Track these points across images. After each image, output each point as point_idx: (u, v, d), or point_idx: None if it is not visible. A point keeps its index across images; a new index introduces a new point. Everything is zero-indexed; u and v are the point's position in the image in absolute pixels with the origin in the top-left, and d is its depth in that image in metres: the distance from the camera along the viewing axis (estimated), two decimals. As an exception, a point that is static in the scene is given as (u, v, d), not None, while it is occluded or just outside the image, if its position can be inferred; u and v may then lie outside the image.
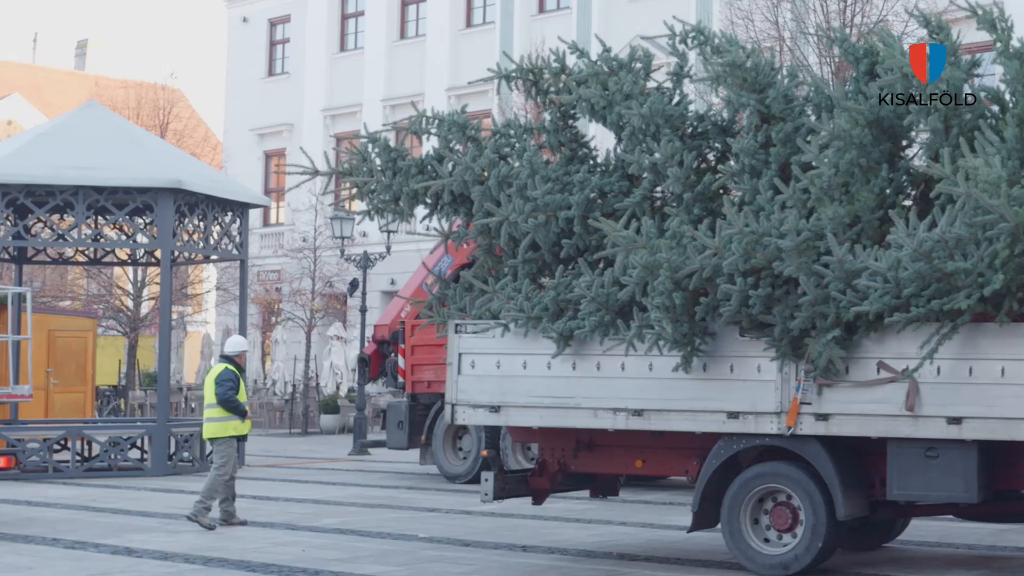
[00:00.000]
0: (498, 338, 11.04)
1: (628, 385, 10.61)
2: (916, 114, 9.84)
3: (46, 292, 41.06)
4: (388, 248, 30.55)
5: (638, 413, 10.59)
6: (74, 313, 32.55)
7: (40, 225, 22.20)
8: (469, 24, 39.31)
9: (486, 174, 11.28)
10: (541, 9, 37.55)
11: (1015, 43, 10.01)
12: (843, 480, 10.06)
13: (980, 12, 10.17)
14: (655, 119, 10.74)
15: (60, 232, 21.61)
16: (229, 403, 13.80)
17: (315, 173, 11.82)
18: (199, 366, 39.54)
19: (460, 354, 11.29)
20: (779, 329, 9.75)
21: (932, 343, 9.35)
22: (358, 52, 42.13)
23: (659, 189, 11.03)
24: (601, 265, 10.81)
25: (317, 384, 35.80)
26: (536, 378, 10.95)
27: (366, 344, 24.38)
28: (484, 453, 13.59)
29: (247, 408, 14.06)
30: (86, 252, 24.60)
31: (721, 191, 10.58)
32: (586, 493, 12.57)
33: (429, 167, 11.61)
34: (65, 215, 21.27)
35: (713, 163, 11.16)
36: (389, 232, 28.44)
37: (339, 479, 19.92)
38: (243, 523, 13.93)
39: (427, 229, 12.17)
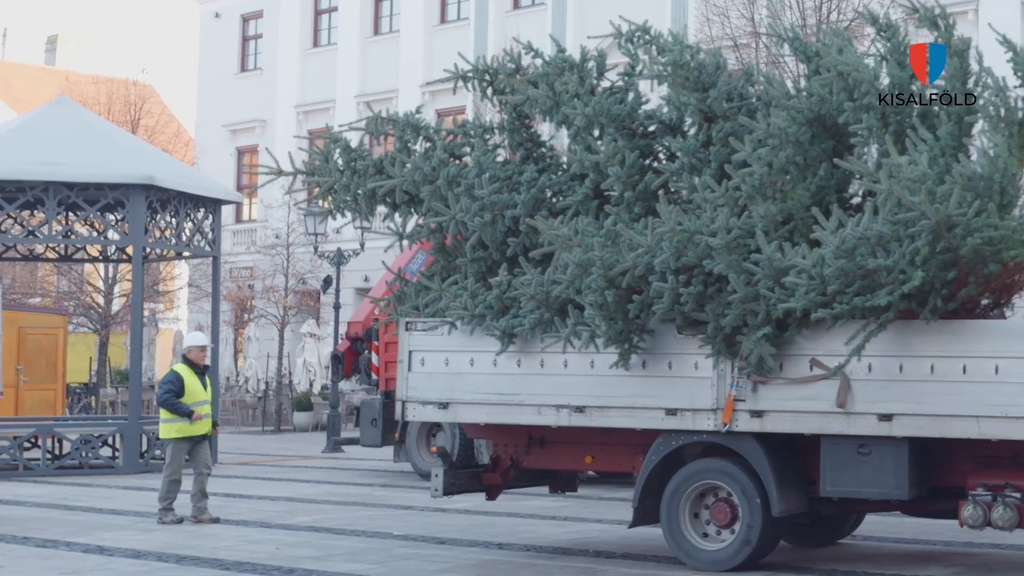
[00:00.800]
0: (446, 336, 11.23)
1: (570, 382, 10.76)
2: (852, 112, 9.94)
3: (16, 289, 40.77)
4: (362, 245, 30.42)
5: (580, 410, 10.74)
6: (45, 310, 32.35)
7: (10, 221, 21.99)
8: (443, 20, 39.21)
9: (436, 174, 11.36)
10: (516, 5, 37.48)
11: (956, 41, 10.09)
12: (778, 477, 10.17)
13: (921, 10, 10.30)
14: (599, 119, 10.89)
15: (30, 228, 21.44)
16: (165, 406, 13.77)
17: (279, 173, 11.95)
18: (170, 363, 39.31)
19: (410, 352, 11.48)
20: (712, 326, 9.87)
21: (859, 340, 9.44)
22: (331, 48, 41.98)
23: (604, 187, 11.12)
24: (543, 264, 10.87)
25: (290, 381, 35.65)
26: (483, 375, 11.11)
27: (339, 341, 24.28)
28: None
29: (191, 409, 13.73)
30: (57, 249, 24.42)
31: (663, 190, 10.58)
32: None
33: (385, 167, 11.69)
34: (35, 211, 21.08)
35: (664, 161, 11.20)
36: (363, 229, 28.34)
37: (312, 477, 19.82)
38: (215, 520, 13.82)
39: (387, 228, 12.18)
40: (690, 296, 9.76)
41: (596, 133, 11.07)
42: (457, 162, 11.64)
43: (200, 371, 14.06)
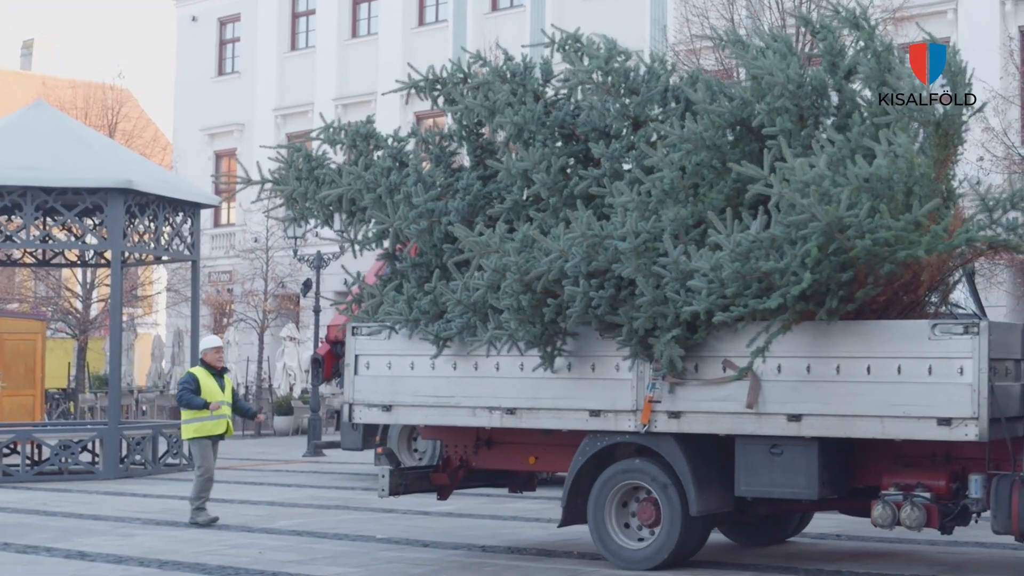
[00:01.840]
0: (389, 340, 11.51)
1: (502, 385, 10.99)
2: (766, 114, 10.07)
3: (-7, 294, 40.59)
4: (342, 248, 30.30)
5: (511, 412, 10.98)
6: (23, 315, 32.17)
7: (-13, 226, 21.84)
8: (422, 22, 39.15)
9: (378, 182, 11.58)
10: (494, 7, 37.45)
11: (877, 43, 10.22)
12: (697, 477, 10.30)
13: (842, 12, 10.48)
14: (528, 126, 11.06)
15: (8, 234, 21.31)
16: (181, 402, 14.11)
17: (248, 182, 12.19)
18: (149, 368, 39.17)
19: (356, 355, 11.81)
20: (627, 329, 10.03)
21: (760, 341, 9.60)
22: (309, 51, 41.87)
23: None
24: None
25: (270, 385, 35.51)
26: (422, 378, 11.38)
27: (319, 345, 24.20)
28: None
29: (207, 401, 13.93)
30: (34, 254, 24.29)
31: (589, 195, 10.72)
32: (546, 493, 12.57)
33: (332, 176, 11.93)
34: (13, 216, 20.96)
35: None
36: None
37: (294, 481, 19.75)
38: (214, 520, 14.00)
39: (339, 235, 12.37)
40: (602, 299, 9.98)
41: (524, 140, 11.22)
42: (405, 170, 11.78)
43: (217, 373, 14.27)
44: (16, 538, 12.88)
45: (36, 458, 20.48)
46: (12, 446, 20.11)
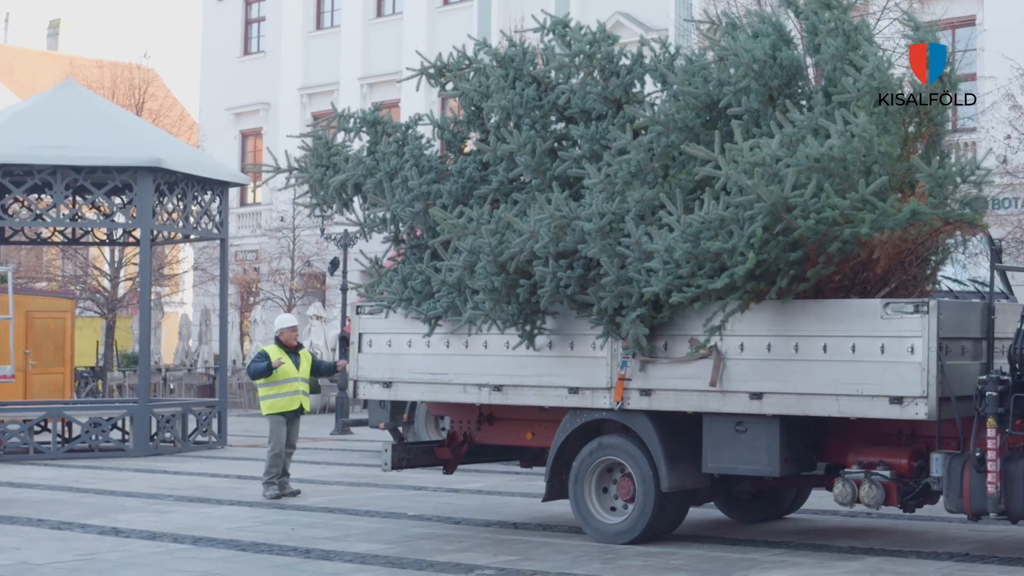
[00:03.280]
0: (387, 319, 11.83)
1: (490, 362, 11.28)
2: (732, 95, 10.17)
3: (22, 273, 40.77)
4: (361, 232, 30.33)
5: (498, 388, 11.28)
6: (52, 294, 32.32)
7: (17, 205, 21.97)
8: (447, 1, 39.09)
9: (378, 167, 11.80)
10: (519, -14, 37.32)
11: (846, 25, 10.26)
12: (668, 453, 10.48)
13: None
14: (516, 110, 11.23)
15: (38, 212, 21.42)
16: (249, 372, 14.71)
17: (277, 170, 12.43)
18: (177, 347, 39.32)
19: (360, 334, 12.20)
20: (597, 308, 10.19)
21: (716, 320, 9.74)
22: (335, 30, 41.88)
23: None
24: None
25: (297, 364, 35.57)
26: (418, 356, 11.71)
27: (346, 323, 24.28)
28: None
29: (268, 365, 14.27)
30: (64, 232, 24.39)
31: (573, 177, 10.86)
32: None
33: (338, 163, 12.17)
34: (43, 195, 21.06)
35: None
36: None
37: (323, 459, 19.83)
38: (296, 493, 14.41)
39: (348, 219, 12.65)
40: (571, 279, 10.17)
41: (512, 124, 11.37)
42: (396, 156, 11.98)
43: (292, 351, 14.61)
44: (50, 514, 12.99)
45: (67, 436, 20.63)
46: (43, 423, 20.25)
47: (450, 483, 14.90)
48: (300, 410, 14.69)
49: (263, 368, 14.31)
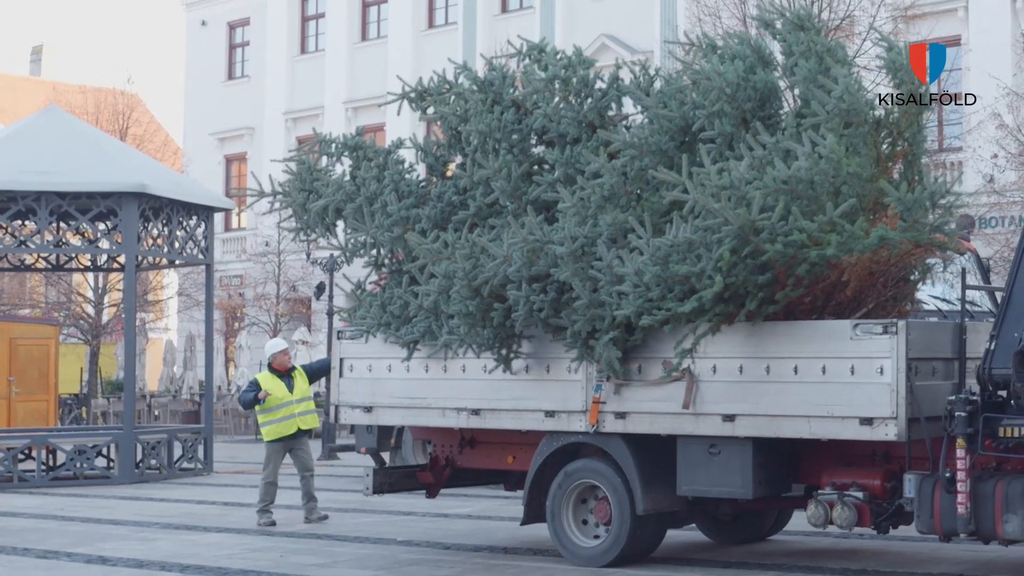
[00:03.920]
0: (367, 344, 11.84)
1: (468, 386, 11.28)
2: (705, 119, 10.19)
3: (5, 300, 40.61)
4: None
5: (476, 412, 11.28)
6: (36, 321, 32.16)
7: (0, 232, 21.83)
8: (431, 25, 39.15)
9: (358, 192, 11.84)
10: (504, 9, 37.44)
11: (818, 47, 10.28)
12: (644, 476, 10.47)
13: (787, 14, 10.62)
14: (493, 134, 11.23)
15: (22, 239, 21.28)
16: (241, 404, 14.74)
17: (261, 195, 12.38)
18: (161, 373, 39.15)
19: (341, 359, 12.25)
20: (570, 331, 10.19)
21: (686, 343, 9.73)
22: (319, 54, 41.88)
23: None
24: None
25: (283, 389, 35.37)
26: (398, 380, 11.71)
27: (332, 348, 24.13)
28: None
29: (255, 395, 14.19)
30: (48, 259, 24.25)
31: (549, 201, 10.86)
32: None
33: (319, 187, 12.17)
34: (27, 221, 20.92)
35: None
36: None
37: (310, 484, 19.64)
38: (324, 518, 14.35)
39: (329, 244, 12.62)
40: (545, 303, 10.16)
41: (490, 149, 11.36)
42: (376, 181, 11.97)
43: (284, 375, 14.52)
44: (36, 543, 12.84)
45: (51, 463, 20.45)
46: (27, 451, 20.08)
47: (439, 508, 14.79)
48: (300, 432, 14.57)
49: (250, 399, 14.27)
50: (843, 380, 9.39)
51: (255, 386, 14.33)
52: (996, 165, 25.84)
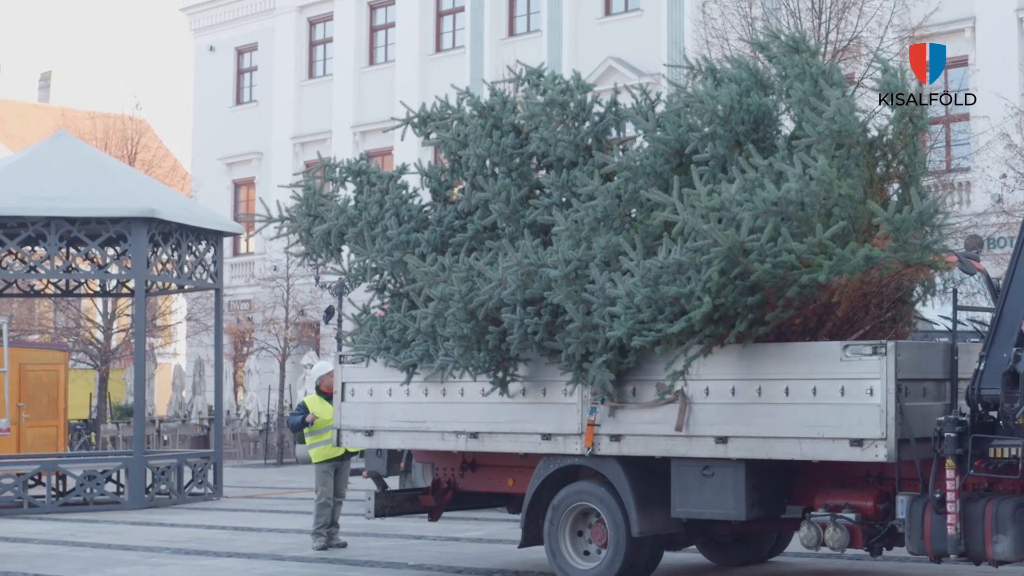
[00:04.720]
0: (368, 368, 11.88)
1: (466, 409, 11.32)
2: (698, 141, 10.22)
3: (14, 326, 40.59)
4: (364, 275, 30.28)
5: (474, 436, 11.31)
6: (45, 346, 32.19)
7: (10, 258, 21.89)
8: (439, 49, 39.24)
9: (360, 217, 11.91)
10: (511, 32, 37.52)
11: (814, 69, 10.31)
12: (639, 498, 10.46)
13: (783, 37, 10.70)
14: (492, 158, 11.33)
15: (32, 264, 21.32)
16: (289, 427, 15.02)
17: (269, 220, 12.55)
18: (170, 398, 39.15)
19: (343, 383, 12.31)
20: (565, 354, 10.20)
21: (678, 365, 9.73)
22: (327, 79, 41.98)
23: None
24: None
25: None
26: (398, 404, 11.76)
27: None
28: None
29: (303, 418, 14.28)
30: (57, 284, 24.28)
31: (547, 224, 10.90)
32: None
33: (322, 212, 12.24)
34: (36, 247, 20.97)
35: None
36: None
37: (320, 508, 19.61)
38: (342, 545, 14.23)
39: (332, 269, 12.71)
40: (539, 326, 10.18)
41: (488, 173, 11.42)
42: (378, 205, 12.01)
43: (332, 398, 14.27)
44: (46, 569, 12.83)
45: (61, 489, 20.45)
46: (37, 477, 20.07)
47: (449, 532, 14.77)
48: (348, 454, 14.51)
49: (298, 422, 14.36)
50: (833, 401, 9.37)
51: (303, 409, 14.37)
52: (1005, 185, 25.82)
